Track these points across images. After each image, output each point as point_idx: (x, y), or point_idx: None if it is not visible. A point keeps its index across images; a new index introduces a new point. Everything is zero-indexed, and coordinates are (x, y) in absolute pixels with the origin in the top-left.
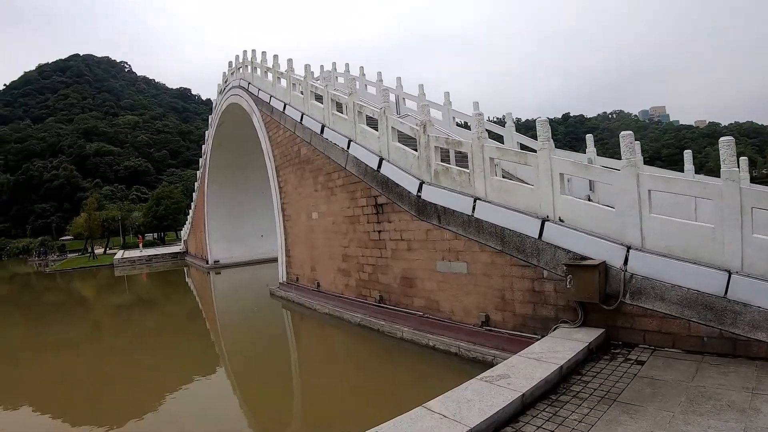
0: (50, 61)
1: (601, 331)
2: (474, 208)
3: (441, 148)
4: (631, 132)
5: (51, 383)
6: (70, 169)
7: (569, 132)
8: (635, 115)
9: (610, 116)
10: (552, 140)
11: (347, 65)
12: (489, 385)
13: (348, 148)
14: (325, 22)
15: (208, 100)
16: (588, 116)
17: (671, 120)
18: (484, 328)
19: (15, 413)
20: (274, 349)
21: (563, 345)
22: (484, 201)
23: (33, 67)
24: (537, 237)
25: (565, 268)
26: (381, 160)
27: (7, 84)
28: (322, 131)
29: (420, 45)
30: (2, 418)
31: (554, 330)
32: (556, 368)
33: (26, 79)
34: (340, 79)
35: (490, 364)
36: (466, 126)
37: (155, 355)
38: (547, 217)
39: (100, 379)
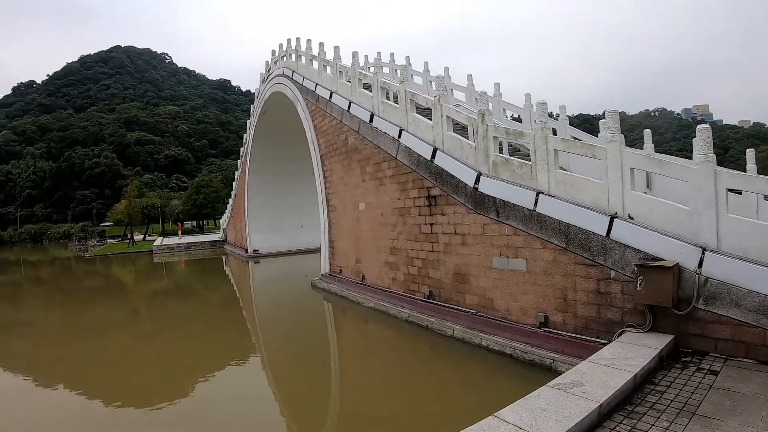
0: (92, 53)
1: (670, 337)
2: (536, 202)
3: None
4: (708, 126)
5: (88, 364)
6: (111, 157)
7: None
8: (678, 114)
9: (652, 114)
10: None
11: (392, 55)
12: (563, 394)
13: (399, 137)
14: (369, 16)
15: (248, 92)
16: (630, 113)
17: (715, 119)
18: (542, 329)
19: (53, 392)
20: (313, 342)
21: (634, 351)
22: (547, 195)
23: (75, 58)
24: (605, 235)
25: (635, 268)
26: (435, 150)
27: (50, 74)
28: (371, 120)
29: (468, 40)
30: (41, 396)
31: (620, 334)
32: (630, 377)
33: (68, 69)
34: (385, 69)
35: (547, 368)
36: (517, 119)
37: (191, 340)
38: (616, 213)
39: (136, 361)
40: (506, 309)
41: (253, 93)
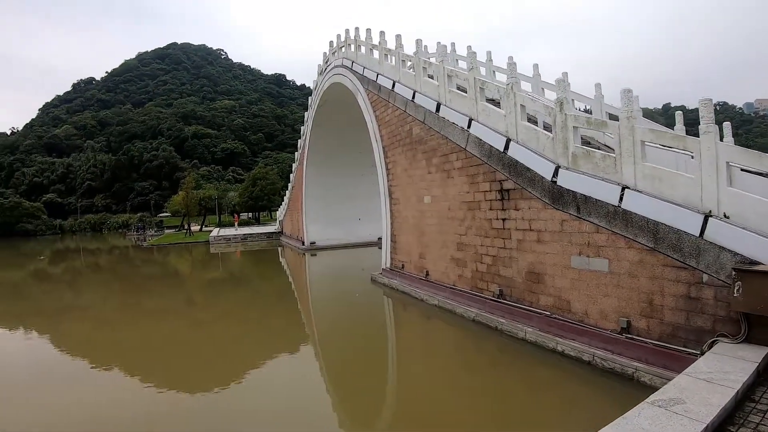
0: (149, 50)
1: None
2: (621, 198)
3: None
4: None
5: (143, 348)
6: (169, 150)
7: (669, 124)
8: (740, 108)
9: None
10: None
11: (453, 44)
12: (665, 412)
13: (468, 127)
14: (422, 6)
15: (303, 86)
16: (689, 107)
17: None
18: (624, 335)
19: (108, 373)
20: (370, 337)
21: (731, 364)
22: (633, 190)
23: (133, 56)
24: (698, 235)
25: (733, 272)
26: (508, 140)
27: (109, 71)
28: (437, 110)
29: (528, 31)
30: (95, 377)
31: (712, 345)
32: (733, 394)
33: (127, 66)
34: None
35: (629, 378)
36: (586, 111)
37: (246, 329)
38: (710, 212)
39: (189, 346)
40: (584, 312)
41: (308, 87)
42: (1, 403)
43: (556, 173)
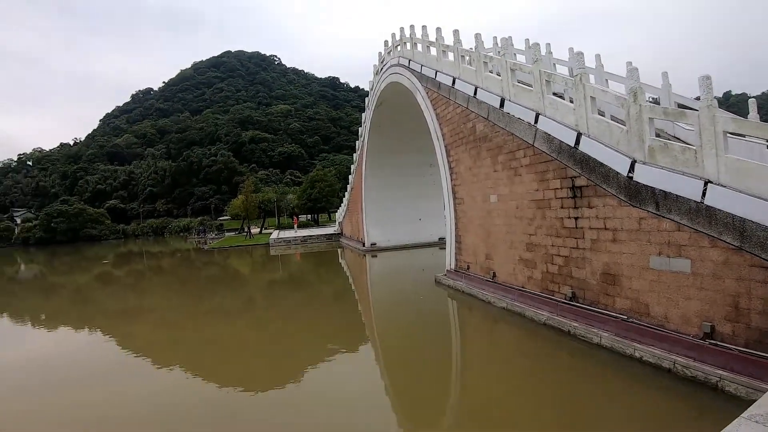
0: (204, 59)
1: None
2: (704, 193)
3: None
4: None
5: (204, 346)
6: (227, 155)
7: (734, 112)
8: None
9: None
10: None
11: (510, 38)
12: (764, 429)
13: (535, 122)
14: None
15: (357, 88)
16: (751, 94)
17: None
18: (706, 341)
19: (169, 372)
20: (434, 340)
21: None
22: (717, 184)
23: (188, 65)
24: None
25: None
26: (579, 135)
27: (166, 81)
28: (501, 105)
29: (580, 19)
30: (156, 375)
31: None
32: None
33: (183, 76)
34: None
35: (712, 388)
36: (657, 101)
37: (306, 330)
38: None
39: (249, 346)
40: (664, 316)
41: (362, 88)
42: (64, 397)
43: (632, 168)
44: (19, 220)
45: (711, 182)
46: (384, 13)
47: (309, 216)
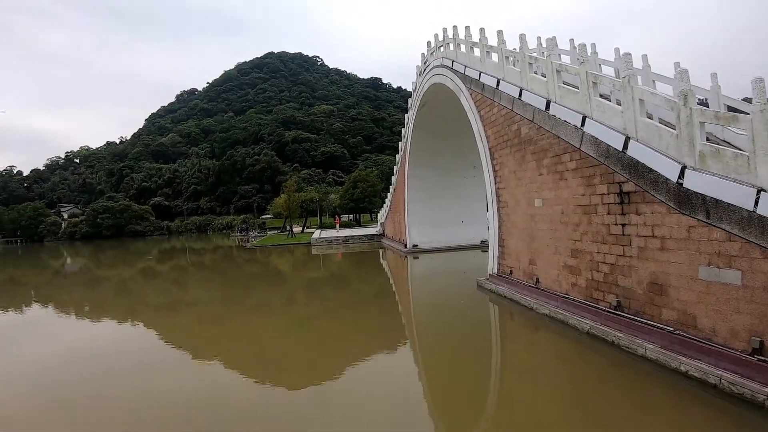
0: (247, 60)
1: None
2: (757, 202)
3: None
4: None
5: (244, 342)
6: (270, 154)
7: None
8: None
9: None
10: None
11: (555, 38)
12: None
13: (582, 125)
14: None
15: (399, 88)
16: None
17: None
18: (755, 357)
19: (209, 365)
20: (473, 344)
21: None
22: None
23: (232, 66)
24: None
25: None
26: (627, 138)
27: (210, 82)
28: (547, 107)
29: (606, 18)
30: (196, 369)
31: None
32: None
33: (227, 77)
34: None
35: (759, 406)
36: (704, 103)
37: (344, 329)
38: None
39: (287, 343)
40: (711, 329)
41: (405, 89)
42: (106, 389)
43: (681, 174)
44: (65, 216)
45: (764, 190)
46: (424, 14)
47: (351, 216)
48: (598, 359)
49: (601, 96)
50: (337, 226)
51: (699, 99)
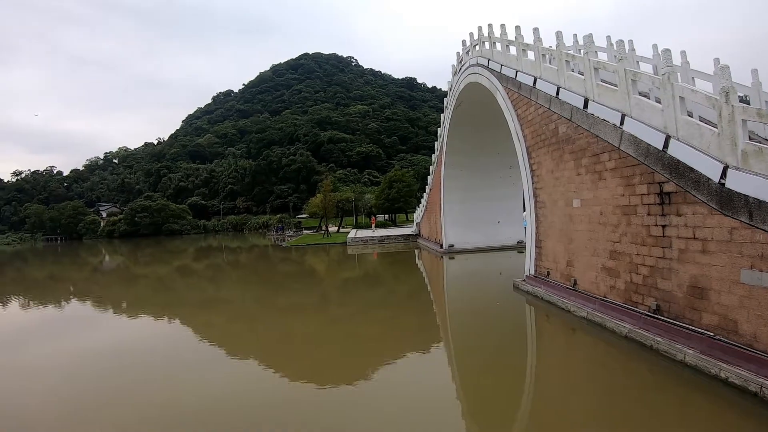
0: (282, 61)
1: None
2: None
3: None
4: None
5: (277, 340)
6: (306, 154)
7: None
8: None
9: None
10: None
11: (591, 35)
12: None
13: (621, 124)
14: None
15: (434, 88)
16: None
17: None
18: None
19: (244, 362)
20: (508, 346)
21: None
22: None
23: (267, 68)
24: None
25: None
26: (667, 137)
27: (245, 83)
28: (585, 106)
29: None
30: (231, 366)
31: None
32: None
33: (262, 78)
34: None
35: None
36: (745, 101)
37: (379, 329)
38: None
39: (321, 342)
40: (753, 335)
41: (440, 89)
42: (141, 384)
43: (724, 174)
44: (104, 214)
45: None
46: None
47: (386, 216)
48: (635, 364)
49: (639, 94)
50: (373, 225)
51: (739, 96)
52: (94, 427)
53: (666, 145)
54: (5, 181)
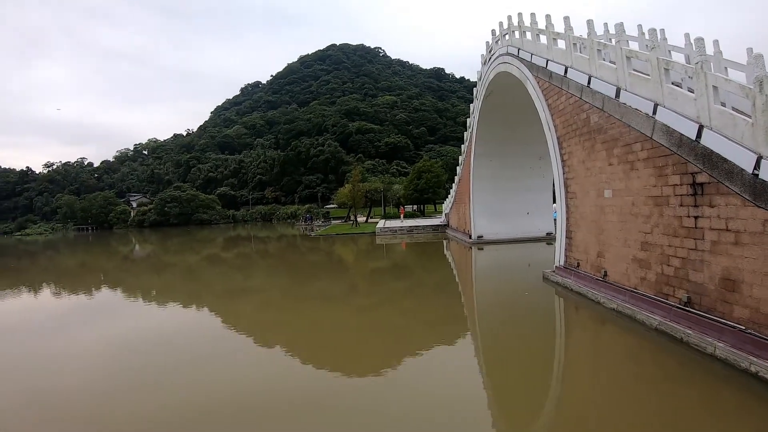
0: (309, 52)
1: None
2: None
3: None
4: None
5: (305, 329)
6: (334, 145)
7: None
8: None
9: None
10: None
11: (622, 23)
12: None
13: (654, 113)
14: None
15: (462, 78)
16: None
17: None
18: None
19: (270, 351)
20: (538, 338)
21: None
22: None
23: (295, 59)
24: None
25: None
26: (700, 127)
27: (273, 75)
28: (617, 95)
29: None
30: (257, 354)
31: None
32: None
33: (290, 69)
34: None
35: None
36: None
37: (406, 319)
38: None
39: (348, 331)
40: None
41: (468, 79)
42: (167, 374)
43: (758, 165)
44: (134, 204)
45: None
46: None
47: (415, 206)
48: (665, 357)
49: (672, 83)
50: (402, 216)
51: None
52: (123, 411)
53: (699, 134)
54: (37, 172)
